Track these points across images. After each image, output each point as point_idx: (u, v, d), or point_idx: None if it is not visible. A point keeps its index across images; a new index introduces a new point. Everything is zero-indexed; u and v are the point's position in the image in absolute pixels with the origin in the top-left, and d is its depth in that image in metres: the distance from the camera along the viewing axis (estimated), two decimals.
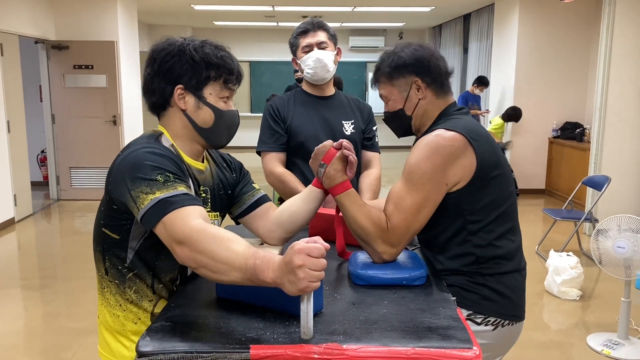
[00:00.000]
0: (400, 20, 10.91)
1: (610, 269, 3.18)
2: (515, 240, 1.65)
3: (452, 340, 1.14)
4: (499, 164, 1.58)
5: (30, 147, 7.18)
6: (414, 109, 1.68)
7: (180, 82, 1.40)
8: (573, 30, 7.49)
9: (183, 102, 1.42)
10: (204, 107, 1.43)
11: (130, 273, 1.42)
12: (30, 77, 7.51)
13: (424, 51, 1.66)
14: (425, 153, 1.52)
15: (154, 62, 1.42)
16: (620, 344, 3.24)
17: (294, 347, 1.11)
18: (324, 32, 2.35)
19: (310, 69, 2.31)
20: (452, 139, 1.52)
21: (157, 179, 1.27)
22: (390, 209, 1.54)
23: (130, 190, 1.27)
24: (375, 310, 1.30)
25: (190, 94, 1.42)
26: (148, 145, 1.35)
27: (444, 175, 1.51)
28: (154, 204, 1.24)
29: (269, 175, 2.37)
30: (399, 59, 1.66)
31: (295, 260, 1.06)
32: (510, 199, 1.62)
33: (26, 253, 5.41)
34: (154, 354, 1.10)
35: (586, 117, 7.51)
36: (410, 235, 1.55)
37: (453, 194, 1.55)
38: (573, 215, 5.10)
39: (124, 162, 1.32)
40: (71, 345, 3.30)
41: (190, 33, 12.10)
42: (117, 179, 1.32)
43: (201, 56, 1.40)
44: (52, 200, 7.44)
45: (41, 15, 6.96)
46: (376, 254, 1.54)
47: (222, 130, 1.47)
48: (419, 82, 1.64)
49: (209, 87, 1.42)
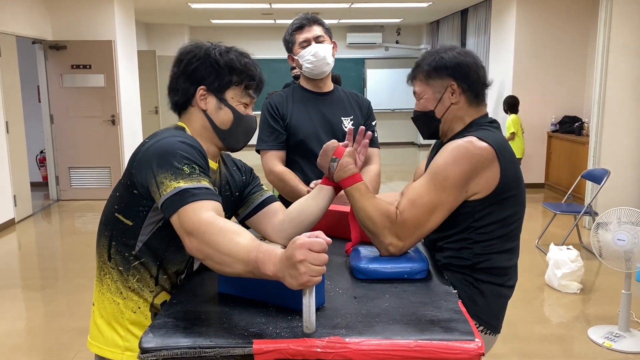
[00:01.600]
0: (398, 16, 10.90)
1: (610, 261, 3.19)
2: (512, 259, 1.66)
3: (454, 333, 1.15)
4: (518, 185, 1.59)
5: (29, 148, 7.17)
6: (445, 112, 1.67)
7: (204, 83, 1.46)
8: (570, 23, 7.49)
9: (204, 103, 1.48)
10: (225, 108, 1.48)
11: (136, 261, 1.44)
12: (28, 78, 7.50)
13: (467, 57, 1.66)
14: (454, 157, 1.52)
15: (180, 63, 1.48)
16: (622, 336, 3.25)
17: (296, 342, 1.11)
18: (319, 26, 2.34)
19: (309, 63, 2.31)
20: (482, 149, 1.52)
21: (183, 168, 1.30)
22: (404, 202, 1.54)
23: (156, 175, 1.30)
24: (377, 303, 1.31)
25: (212, 95, 1.48)
26: (178, 135, 1.39)
27: (467, 182, 1.52)
28: (176, 192, 1.27)
29: (268, 173, 2.36)
30: (440, 60, 1.65)
31: (297, 255, 1.06)
32: (519, 220, 1.64)
33: (26, 253, 5.41)
34: (157, 350, 1.10)
35: (584, 110, 7.51)
36: (420, 233, 1.54)
37: (469, 202, 1.55)
38: (573, 209, 5.11)
39: (154, 147, 1.35)
40: (73, 345, 3.30)
41: (187, 32, 12.11)
42: (143, 162, 1.35)
43: (225, 61, 1.46)
44: (52, 201, 7.44)
45: (38, 16, 6.94)
46: (383, 245, 1.54)
47: (239, 133, 1.52)
48: (455, 87, 1.64)
49: (231, 91, 1.48)
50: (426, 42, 12.38)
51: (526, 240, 5.35)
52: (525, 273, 4.48)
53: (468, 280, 1.60)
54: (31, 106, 7.67)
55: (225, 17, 10.75)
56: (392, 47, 12.57)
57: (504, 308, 1.69)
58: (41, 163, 8.13)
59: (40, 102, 7.40)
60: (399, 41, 12.63)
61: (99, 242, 1.48)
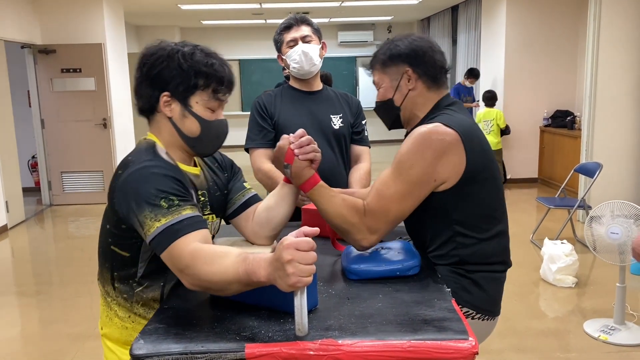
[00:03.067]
0: (389, 13, 10.89)
1: (604, 255, 3.19)
2: (501, 243, 1.63)
3: (447, 332, 1.14)
4: (489, 167, 1.57)
5: (21, 153, 7.13)
6: (403, 100, 1.66)
7: (167, 89, 1.38)
8: (561, 18, 7.51)
9: (169, 110, 1.41)
10: (190, 116, 1.41)
11: (139, 287, 1.43)
12: (17, 83, 7.45)
13: (421, 42, 1.65)
14: (417, 144, 1.50)
15: (143, 67, 1.40)
16: (617, 329, 3.26)
17: (289, 345, 1.10)
18: (308, 26, 2.34)
19: (295, 63, 2.30)
20: (446, 134, 1.50)
21: (161, 204, 1.26)
22: (371, 194, 1.53)
23: (137, 215, 1.28)
24: (370, 304, 1.30)
25: (177, 102, 1.40)
26: (149, 163, 1.33)
27: (434, 169, 1.49)
28: (159, 232, 1.25)
29: (257, 172, 2.36)
30: (395, 48, 1.65)
31: (284, 256, 1.05)
32: (498, 202, 1.61)
33: (20, 259, 5.38)
34: (149, 356, 1.09)
35: (576, 104, 7.53)
36: (389, 223, 1.52)
37: (440, 194, 1.53)
38: (566, 203, 5.12)
39: (127, 183, 1.31)
40: (69, 351, 3.28)
41: (178, 33, 12.07)
42: (122, 201, 1.31)
43: (190, 64, 1.37)
44: (45, 206, 7.39)
45: (26, 20, 6.90)
46: (355, 241, 1.53)
47: (209, 140, 1.45)
48: (410, 73, 1.63)
49: (196, 96, 1.40)
50: None
51: (521, 235, 5.37)
52: (521, 268, 4.49)
53: (459, 273, 1.58)
54: (21, 111, 7.62)
55: (216, 17, 10.72)
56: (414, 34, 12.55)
57: (500, 290, 1.67)
58: (33, 168, 8.08)
59: (31, 106, 7.35)
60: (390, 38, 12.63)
61: (102, 273, 1.48)
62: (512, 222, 6.57)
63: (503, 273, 1.67)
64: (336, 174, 2.38)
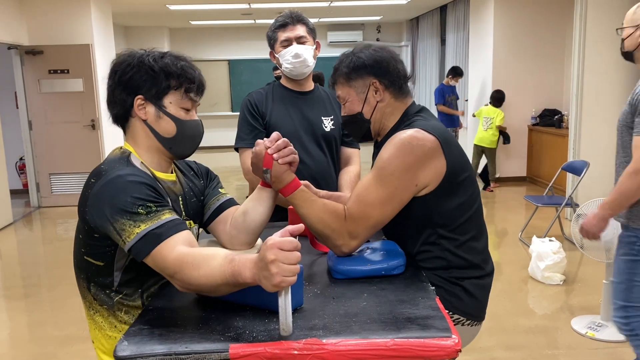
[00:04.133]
0: (378, 13, 10.92)
1: (591, 252, 3.22)
2: (482, 243, 1.65)
3: (431, 330, 1.15)
4: (466, 167, 1.58)
5: (8, 155, 7.06)
6: (372, 112, 1.66)
7: (140, 92, 1.41)
8: (548, 17, 7.55)
9: (144, 112, 1.42)
10: (164, 116, 1.43)
11: (118, 296, 1.42)
12: (4, 84, 7.39)
13: (383, 53, 1.66)
14: (398, 150, 1.50)
15: (115, 74, 1.42)
16: (604, 325, 3.29)
17: (273, 345, 1.11)
18: (303, 25, 2.31)
19: (289, 64, 2.28)
20: (427, 140, 1.50)
21: (138, 211, 1.27)
22: (352, 199, 1.53)
23: (113, 223, 1.28)
24: (355, 303, 1.30)
25: (151, 104, 1.42)
26: (122, 172, 1.33)
27: (415, 175, 1.50)
28: (140, 237, 1.26)
29: (247, 172, 2.33)
30: (357, 60, 1.64)
31: (268, 255, 1.06)
32: (477, 201, 1.63)
33: (8, 262, 5.33)
34: (132, 357, 1.09)
35: (564, 103, 7.58)
36: (370, 228, 1.52)
37: (421, 198, 1.54)
38: (554, 201, 5.16)
39: (101, 192, 1.30)
40: (57, 353, 3.26)
41: (167, 34, 12.02)
42: (95, 209, 1.31)
43: (161, 66, 1.40)
44: (33, 208, 7.34)
45: (13, 21, 6.84)
46: (336, 247, 1.52)
47: (185, 140, 1.46)
48: (377, 84, 1.63)
49: (169, 96, 1.42)
50: (406, 39, 12.43)
51: (509, 233, 5.40)
52: (509, 266, 4.52)
53: (450, 280, 1.59)
54: (9, 112, 7.56)
55: (205, 18, 10.69)
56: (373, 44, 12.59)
57: (487, 297, 1.69)
58: (21, 170, 8.02)
59: (18, 108, 7.29)
60: (380, 39, 12.66)
61: (79, 284, 1.46)
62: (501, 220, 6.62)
63: (489, 278, 1.68)
64: (326, 176, 2.38)
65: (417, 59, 11.78)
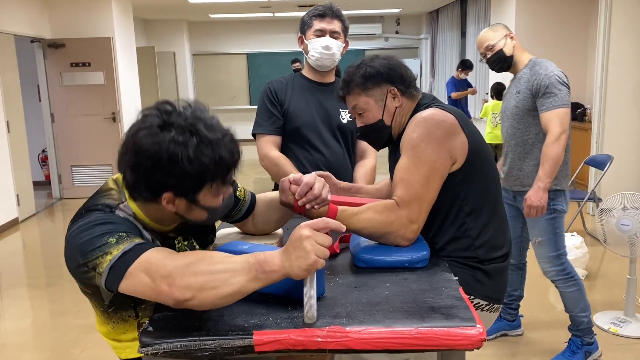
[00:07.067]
0: (397, 6, 10.84)
1: (615, 247, 3.17)
2: (504, 227, 1.67)
3: (455, 319, 1.14)
4: (485, 147, 1.62)
5: (31, 147, 7.18)
6: (392, 118, 1.68)
7: (170, 190, 1.21)
8: (571, 9, 7.43)
9: (172, 206, 1.24)
10: (197, 208, 1.26)
11: (112, 307, 1.34)
12: (27, 77, 7.49)
13: (393, 61, 1.70)
14: (424, 127, 1.53)
15: (139, 168, 1.19)
16: (627, 321, 3.24)
17: (297, 332, 1.11)
18: (340, 22, 2.34)
19: (317, 53, 2.29)
20: (447, 117, 1.55)
21: (108, 241, 1.16)
22: (398, 186, 1.53)
23: (86, 264, 1.17)
24: (377, 292, 1.30)
25: (182, 199, 1.23)
26: (93, 218, 1.23)
27: (447, 147, 1.52)
28: (114, 261, 1.14)
29: (263, 158, 2.34)
30: (371, 69, 1.66)
31: (304, 232, 1.07)
32: (497, 183, 1.65)
33: (31, 252, 5.43)
34: (157, 343, 1.10)
35: (587, 96, 7.46)
36: (425, 208, 1.52)
37: (450, 175, 1.55)
38: (576, 196, 5.08)
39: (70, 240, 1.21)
40: (79, 342, 3.31)
41: (186, 27, 12.08)
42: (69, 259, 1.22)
43: (197, 168, 1.17)
44: (55, 199, 7.45)
45: (36, 14, 6.93)
46: (399, 237, 1.50)
47: (215, 217, 1.37)
48: (395, 91, 1.66)
49: (204, 190, 1.23)
50: (426, 32, 12.32)
51: None
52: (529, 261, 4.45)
53: (472, 265, 1.60)
54: (31, 105, 7.67)
55: (224, 11, 10.71)
56: (392, 37, 12.52)
57: (506, 279, 1.71)
58: (43, 162, 8.14)
59: (41, 101, 7.39)
60: (399, 31, 12.57)
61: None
62: None
63: (508, 261, 1.69)
64: (342, 167, 2.38)
65: (436, 52, 11.68)
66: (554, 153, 2.53)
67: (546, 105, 2.57)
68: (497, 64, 2.79)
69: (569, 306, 2.82)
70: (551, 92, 2.57)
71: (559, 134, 2.53)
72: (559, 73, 2.66)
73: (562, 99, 2.57)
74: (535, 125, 2.65)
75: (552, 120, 2.54)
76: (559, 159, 2.54)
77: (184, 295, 1.09)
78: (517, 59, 2.79)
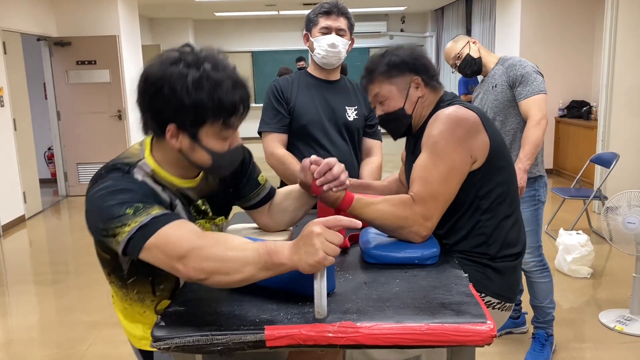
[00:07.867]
0: (402, 4, 10.82)
1: (621, 245, 3.17)
2: (519, 227, 1.67)
3: (465, 316, 1.14)
4: (505, 149, 1.62)
5: (37, 145, 7.21)
6: (414, 107, 1.68)
7: (173, 121, 1.24)
8: (577, 7, 7.40)
9: (176, 141, 1.27)
10: (200, 149, 1.28)
11: (130, 279, 1.40)
12: (34, 75, 7.52)
13: (418, 51, 1.70)
14: (446, 125, 1.52)
15: (145, 94, 1.25)
16: (633, 319, 3.23)
17: (308, 327, 1.11)
18: (346, 20, 2.34)
19: (323, 51, 2.29)
20: (468, 114, 1.55)
21: (126, 212, 1.18)
22: (416, 182, 1.53)
23: (107, 231, 1.21)
24: (387, 288, 1.30)
25: (185, 134, 1.26)
26: (110, 183, 1.25)
27: (468, 146, 1.52)
28: (135, 230, 1.17)
29: (269, 156, 2.35)
30: (396, 58, 1.67)
31: (314, 229, 1.07)
32: (514, 180, 1.65)
33: (37, 249, 5.45)
34: (170, 338, 1.11)
35: (592, 95, 7.44)
36: (441, 206, 1.52)
37: (470, 174, 1.55)
38: (582, 194, 5.08)
39: (90, 204, 1.25)
40: (86, 338, 3.33)
41: (191, 25, 12.08)
42: (89, 220, 1.26)
43: (194, 100, 1.20)
44: (61, 197, 7.48)
45: (42, 12, 6.95)
46: (412, 233, 1.50)
47: (222, 168, 1.36)
48: (419, 80, 1.66)
49: (206, 127, 1.25)
50: (431, 30, 12.30)
51: None
52: None
53: (484, 263, 1.60)
54: (38, 103, 7.71)
55: (229, 9, 10.72)
56: (397, 35, 12.51)
57: (519, 277, 1.71)
58: (49, 160, 8.17)
59: (47, 99, 7.42)
60: (404, 29, 12.56)
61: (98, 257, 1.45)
62: None
63: (520, 260, 1.68)
64: (348, 164, 2.36)
65: (441, 50, 11.66)
66: (535, 136, 2.62)
67: (524, 94, 2.68)
68: (468, 68, 2.91)
69: (540, 297, 2.87)
70: (528, 80, 2.69)
71: (539, 119, 2.63)
72: (532, 64, 2.78)
73: (538, 86, 2.68)
74: (515, 115, 2.75)
75: (532, 107, 2.65)
76: (539, 142, 2.63)
77: (198, 276, 1.15)
78: (485, 60, 2.91)
